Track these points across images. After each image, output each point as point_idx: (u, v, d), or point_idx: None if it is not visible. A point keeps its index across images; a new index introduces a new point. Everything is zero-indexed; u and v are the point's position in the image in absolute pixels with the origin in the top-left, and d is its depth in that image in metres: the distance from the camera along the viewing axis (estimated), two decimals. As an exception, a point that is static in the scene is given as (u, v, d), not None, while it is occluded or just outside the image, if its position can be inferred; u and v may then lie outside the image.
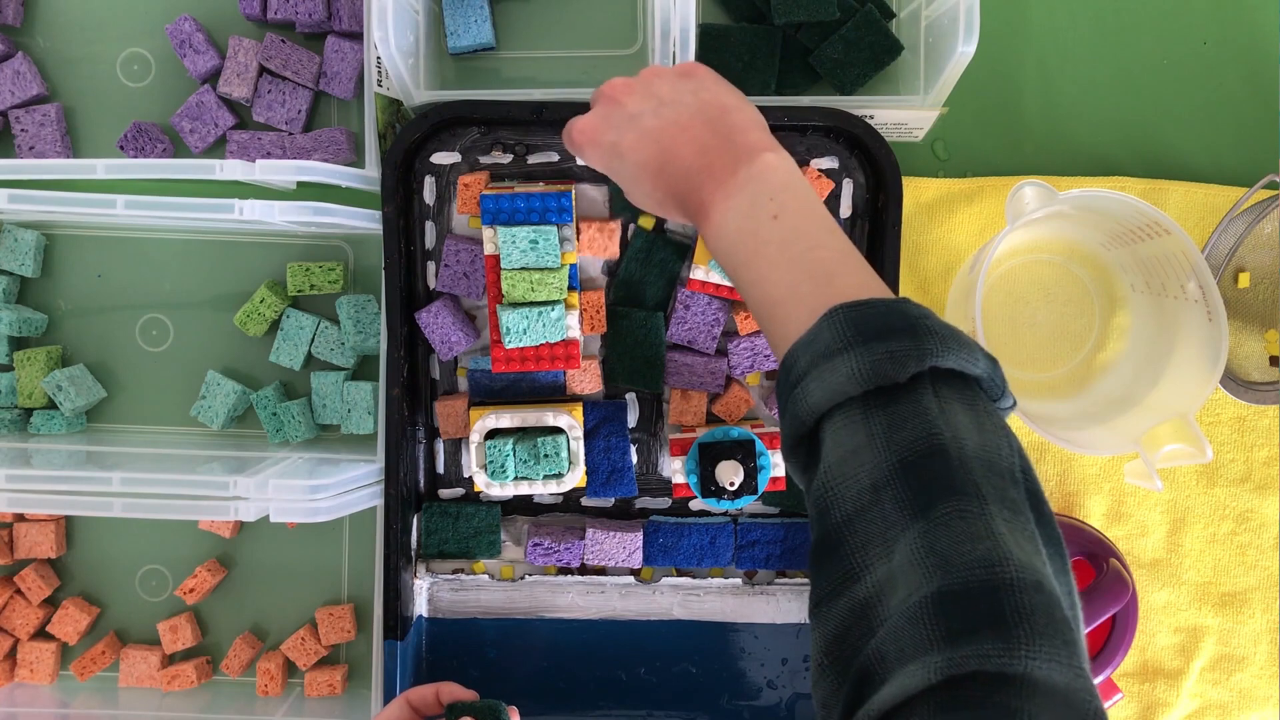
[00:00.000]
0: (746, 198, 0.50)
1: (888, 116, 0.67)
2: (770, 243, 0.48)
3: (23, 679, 0.73)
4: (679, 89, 0.54)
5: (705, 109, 0.53)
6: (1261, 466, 0.74)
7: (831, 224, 0.49)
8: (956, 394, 0.41)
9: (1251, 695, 0.75)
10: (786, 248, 0.48)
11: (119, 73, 0.73)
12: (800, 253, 0.47)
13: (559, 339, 0.64)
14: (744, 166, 0.50)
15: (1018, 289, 0.75)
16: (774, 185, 0.50)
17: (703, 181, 0.51)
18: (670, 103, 0.53)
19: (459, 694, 0.60)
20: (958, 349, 0.42)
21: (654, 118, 0.53)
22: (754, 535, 0.70)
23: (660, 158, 0.53)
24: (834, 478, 0.41)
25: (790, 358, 0.45)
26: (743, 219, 0.49)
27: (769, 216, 0.49)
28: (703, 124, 0.52)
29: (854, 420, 0.41)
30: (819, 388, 0.42)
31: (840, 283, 0.46)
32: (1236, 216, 0.70)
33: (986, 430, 0.40)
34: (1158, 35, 0.74)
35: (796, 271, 0.47)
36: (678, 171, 0.52)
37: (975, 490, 0.38)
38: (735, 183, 0.50)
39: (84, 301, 0.74)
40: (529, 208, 0.63)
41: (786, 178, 0.50)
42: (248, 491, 0.60)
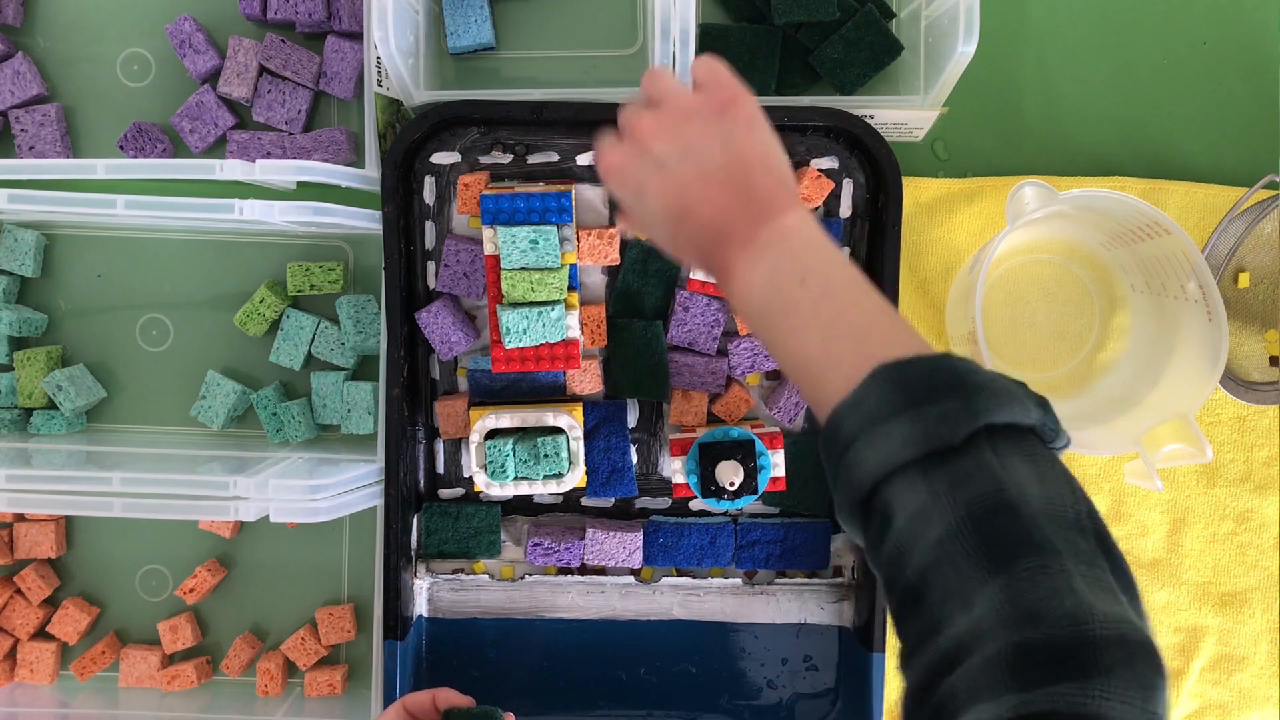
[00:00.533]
0: (770, 261, 0.49)
1: (888, 116, 0.67)
2: (800, 306, 0.48)
3: (23, 679, 0.73)
4: (708, 134, 0.52)
5: (730, 164, 0.52)
6: (1261, 466, 0.74)
7: (859, 281, 0.49)
8: (1014, 446, 0.41)
9: (1251, 695, 0.75)
10: (817, 311, 0.48)
11: (119, 73, 0.73)
12: (833, 315, 0.47)
13: (559, 339, 0.64)
14: (764, 229, 0.50)
15: (1018, 289, 0.75)
16: (797, 248, 0.50)
17: (724, 241, 0.51)
18: (696, 151, 0.52)
19: (455, 699, 0.60)
20: (1009, 402, 0.42)
21: (679, 166, 0.52)
22: (754, 535, 0.70)
23: (681, 211, 0.52)
24: (904, 538, 0.41)
25: (835, 420, 0.44)
26: (768, 282, 0.49)
27: (796, 280, 0.48)
28: (725, 180, 0.52)
29: (914, 482, 0.41)
30: (872, 455, 0.42)
31: (877, 340, 0.46)
32: (1236, 216, 0.70)
33: (1049, 481, 0.41)
34: (1158, 35, 0.74)
35: (830, 334, 0.47)
36: (698, 227, 0.52)
37: (1050, 546, 0.38)
38: (757, 246, 0.50)
39: (84, 301, 0.74)
40: (529, 208, 0.63)
41: (809, 239, 0.50)
42: (248, 491, 0.60)
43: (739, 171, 0.52)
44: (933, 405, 0.41)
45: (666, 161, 0.52)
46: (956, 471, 0.40)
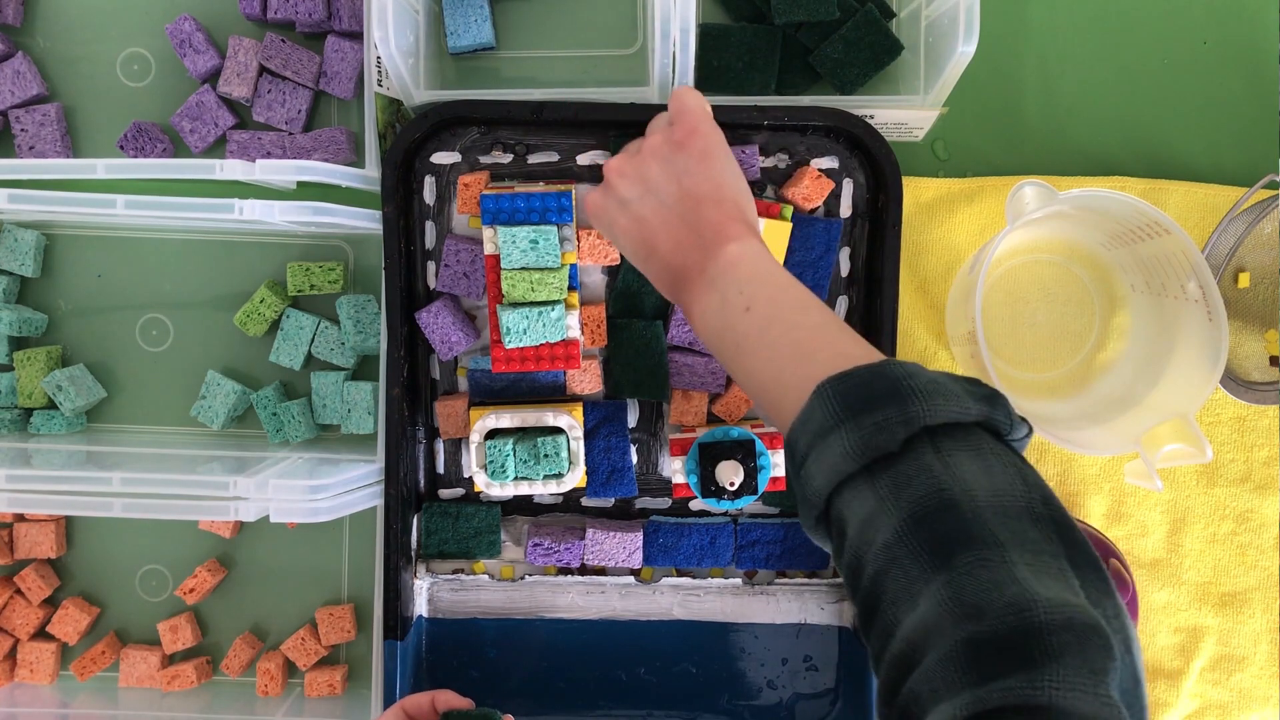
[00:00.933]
0: (718, 294, 0.52)
1: (888, 116, 0.67)
2: (749, 335, 0.50)
3: (23, 679, 0.73)
4: (666, 172, 0.55)
5: (683, 200, 0.55)
6: (1261, 466, 0.74)
7: (804, 300, 0.50)
8: (958, 443, 0.42)
9: (1251, 695, 0.75)
10: (764, 336, 0.50)
11: (119, 73, 0.73)
12: (777, 338, 0.49)
13: (559, 339, 0.64)
14: (711, 263, 0.53)
15: (1018, 289, 0.75)
16: (741, 278, 0.52)
17: (682, 278, 0.54)
18: (654, 190, 0.55)
19: (454, 702, 0.60)
20: (944, 403, 0.42)
21: (639, 206, 0.56)
22: (754, 535, 0.70)
23: (645, 249, 0.56)
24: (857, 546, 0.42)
25: (791, 440, 0.46)
26: (718, 315, 0.52)
27: (741, 310, 0.51)
28: (678, 219, 0.54)
29: (860, 490, 0.42)
30: (819, 470, 0.44)
31: (821, 357, 0.47)
32: (1236, 216, 0.70)
33: (995, 473, 0.41)
34: (1158, 35, 0.74)
35: (778, 357, 0.49)
36: (659, 265, 0.55)
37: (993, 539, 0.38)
38: (706, 280, 0.53)
39: (84, 301, 0.74)
40: (529, 208, 0.63)
41: (752, 268, 0.52)
42: (248, 491, 0.60)
43: (690, 208, 0.54)
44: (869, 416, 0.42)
45: (629, 201, 0.56)
46: (898, 475, 0.41)
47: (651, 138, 0.57)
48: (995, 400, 0.44)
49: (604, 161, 0.60)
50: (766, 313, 0.50)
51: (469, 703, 0.60)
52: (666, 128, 0.57)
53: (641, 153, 0.57)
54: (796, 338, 0.49)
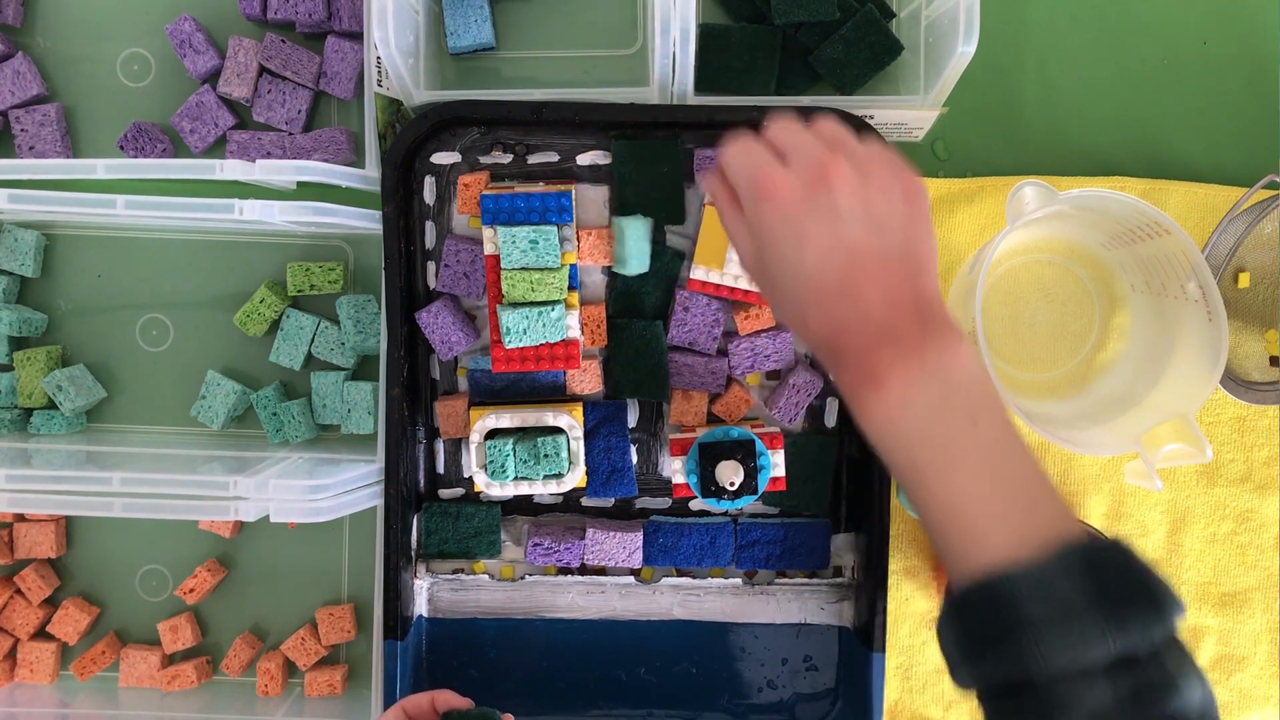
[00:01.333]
0: (939, 388, 0.45)
1: (888, 116, 0.67)
2: (969, 451, 0.44)
3: (23, 679, 0.73)
4: (894, 213, 0.47)
5: (909, 259, 0.47)
6: (1261, 466, 0.74)
7: (1021, 439, 0.46)
8: (1181, 653, 0.42)
9: (1251, 695, 0.75)
10: (987, 460, 0.44)
11: (119, 73, 0.73)
12: (1005, 470, 0.44)
13: (559, 339, 0.64)
14: (936, 349, 0.45)
15: (1018, 289, 0.75)
16: (969, 381, 0.45)
17: (882, 344, 0.45)
18: (880, 227, 0.46)
19: (454, 701, 0.60)
20: (1179, 612, 0.41)
21: (856, 235, 0.46)
22: (754, 535, 0.70)
23: (840, 287, 0.46)
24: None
25: (1005, 590, 0.42)
26: (933, 412, 0.44)
27: (968, 419, 0.44)
28: (902, 276, 0.46)
29: (1098, 684, 0.40)
30: (1062, 651, 0.40)
31: (1046, 508, 0.44)
32: (1236, 216, 0.70)
33: (1204, 684, 0.41)
34: (1158, 35, 0.74)
35: (1001, 490, 0.44)
36: (852, 314, 0.46)
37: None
38: (923, 363, 0.45)
39: (84, 301, 0.74)
40: (529, 208, 0.63)
41: (982, 380, 0.45)
42: (248, 491, 0.60)
43: (916, 269, 0.47)
44: (1130, 612, 0.40)
45: (849, 219, 0.46)
46: (1142, 683, 0.40)
47: (874, 158, 0.48)
48: None
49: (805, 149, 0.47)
50: (995, 436, 0.44)
51: (468, 702, 0.60)
52: (890, 161, 0.48)
53: (865, 170, 0.47)
54: (1025, 479, 0.44)
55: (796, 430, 0.71)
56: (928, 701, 0.74)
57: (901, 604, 0.74)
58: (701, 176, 0.58)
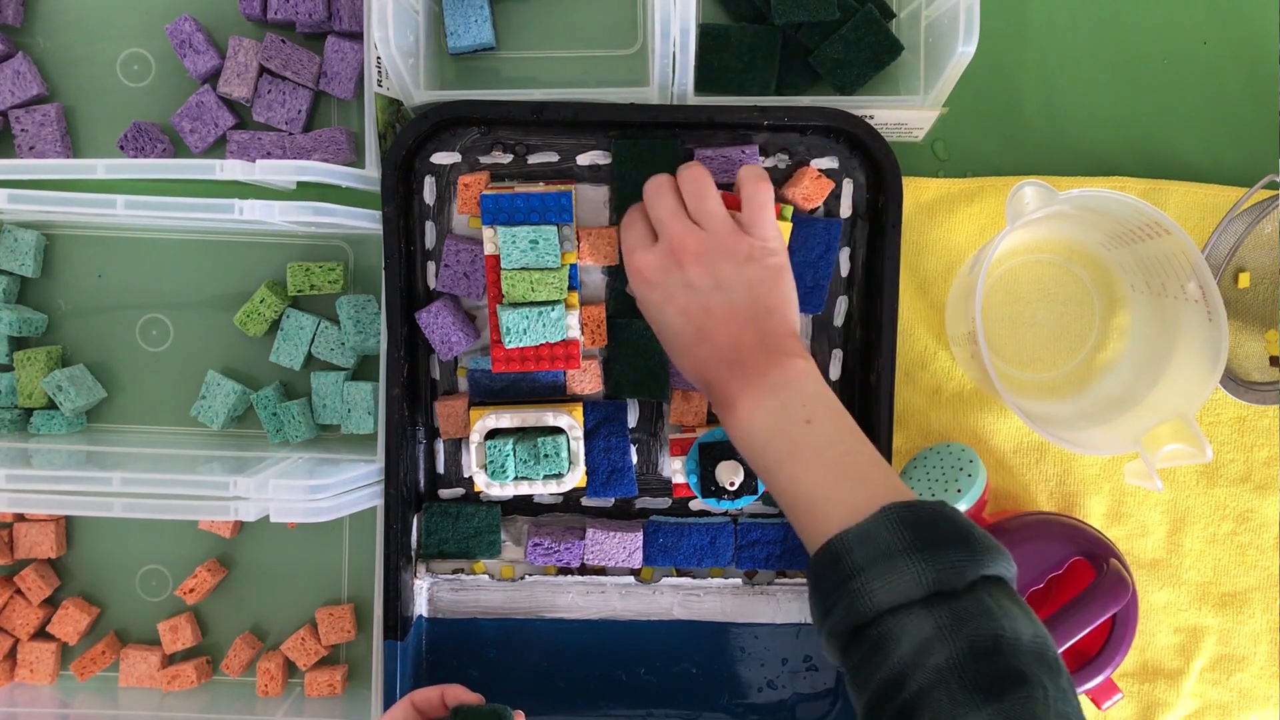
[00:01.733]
0: (778, 400, 0.55)
1: (888, 116, 0.67)
2: (805, 445, 0.54)
3: (23, 679, 0.73)
4: (739, 276, 0.57)
5: (753, 306, 0.57)
6: (1261, 466, 0.74)
7: (857, 430, 0.55)
8: (1003, 593, 0.48)
9: (1251, 695, 0.75)
10: (822, 451, 0.53)
11: (119, 73, 0.73)
12: (836, 456, 0.53)
13: (559, 339, 0.64)
14: (775, 369, 0.55)
15: (1018, 289, 0.75)
16: (806, 392, 0.55)
17: (732, 374, 0.56)
18: (725, 288, 0.57)
19: (464, 697, 0.60)
20: (999, 558, 0.49)
21: (705, 296, 0.57)
22: (754, 535, 0.70)
23: (698, 335, 0.58)
24: (905, 663, 0.46)
25: (839, 547, 0.50)
26: (774, 419, 0.55)
27: (802, 420, 0.54)
28: (746, 320, 0.57)
29: (919, 616, 0.47)
30: (883, 588, 0.47)
31: (876, 484, 0.52)
32: (1236, 216, 0.70)
33: (1031, 623, 0.47)
34: (1158, 35, 0.74)
35: (833, 472, 0.53)
36: (709, 354, 0.57)
37: (1038, 680, 0.45)
38: (766, 383, 0.55)
39: (84, 301, 0.74)
40: (529, 207, 0.64)
41: (816, 385, 0.56)
42: (248, 491, 0.60)
43: (760, 314, 0.57)
44: (943, 553, 0.47)
45: (696, 289, 0.57)
46: (959, 611, 0.46)
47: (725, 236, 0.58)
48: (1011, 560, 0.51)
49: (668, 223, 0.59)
50: (827, 431, 0.54)
51: (479, 698, 0.60)
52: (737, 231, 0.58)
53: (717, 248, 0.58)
54: (852, 462, 0.53)
55: (796, 430, 0.71)
56: (928, 701, 0.74)
57: (901, 604, 0.74)
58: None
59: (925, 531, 0.48)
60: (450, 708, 0.59)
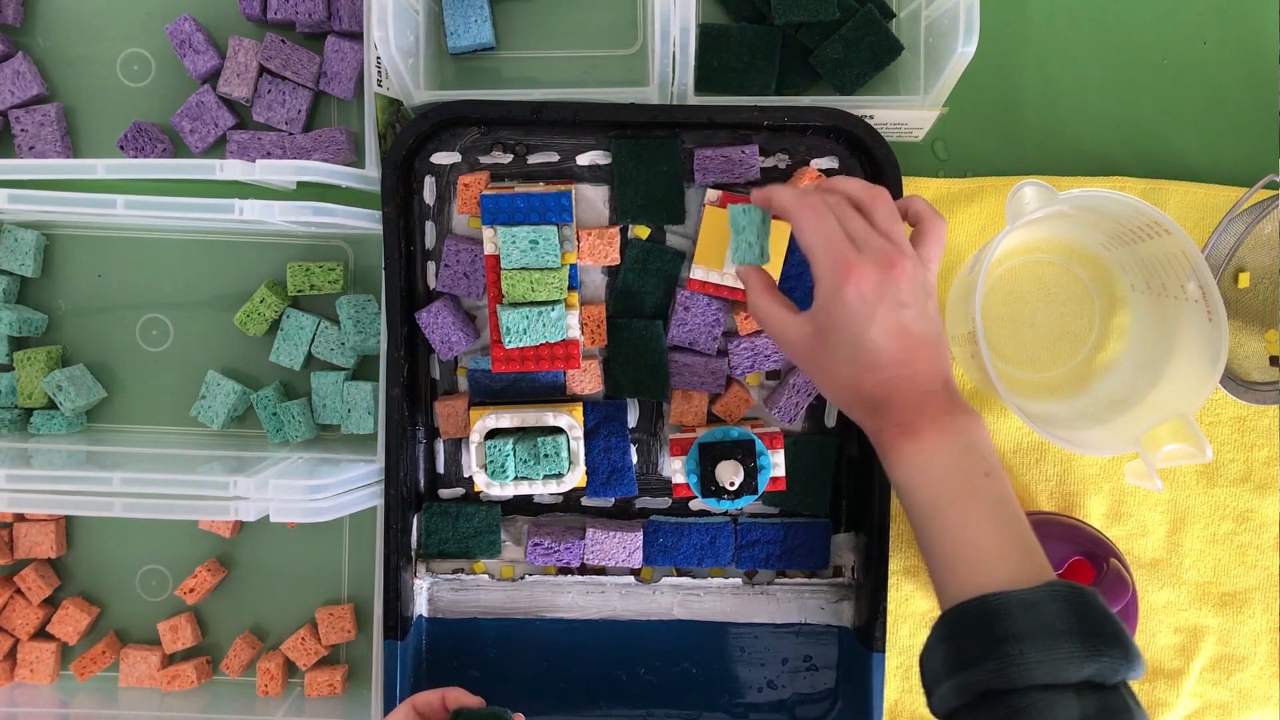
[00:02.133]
0: (963, 444, 0.54)
1: (888, 116, 0.67)
2: (982, 495, 0.53)
3: (23, 679, 0.73)
4: (929, 305, 0.57)
5: (941, 339, 0.57)
6: (1261, 466, 0.74)
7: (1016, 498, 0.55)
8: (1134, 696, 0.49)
9: (1251, 695, 0.75)
10: (996, 507, 0.53)
11: (119, 73, 0.73)
12: (1009, 517, 0.53)
13: (559, 339, 0.64)
14: (961, 417, 0.55)
15: (1018, 289, 0.75)
16: (986, 446, 0.55)
17: (923, 405, 0.55)
18: (925, 312, 0.56)
19: (465, 700, 0.60)
20: (1140, 664, 0.49)
21: (917, 321, 0.55)
22: (754, 535, 0.70)
23: (903, 358, 0.55)
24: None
25: (997, 606, 0.49)
26: (956, 462, 0.54)
27: (982, 472, 0.54)
28: (939, 354, 0.56)
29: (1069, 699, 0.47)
30: (1041, 662, 0.47)
31: (1039, 555, 0.52)
32: (1236, 216, 0.70)
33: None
34: (1158, 35, 0.74)
35: (1004, 531, 0.53)
36: (906, 379, 0.55)
37: None
38: (953, 424, 0.54)
39: (84, 301, 0.74)
40: (529, 208, 0.64)
41: (993, 450, 0.56)
42: (248, 491, 0.60)
43: (945, 353, 0.57)
44: (1106, 646, 0.48)
45: (909, 309, 0.55)
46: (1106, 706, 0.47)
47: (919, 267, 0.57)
48: None
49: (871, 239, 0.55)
50: (1003, 490, 0.54)
51: (479, 701, 0.60)
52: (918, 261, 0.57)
53: (916, 275, 0.56)
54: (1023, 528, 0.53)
55: (796, 430, 0.71)
56: (928, 701, 0.74)
57: (901, 604, 0.74)
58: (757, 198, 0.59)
59: (1090, 622, 0.48)
60: (451, 711, 0.59)
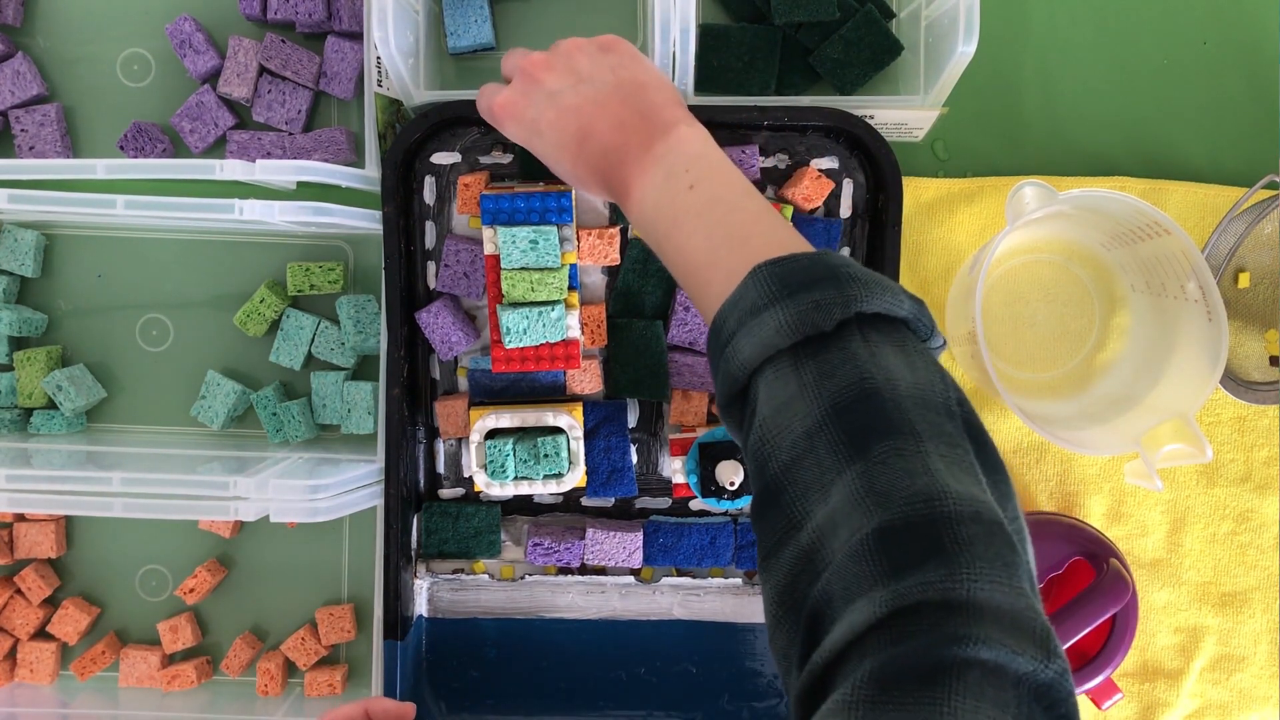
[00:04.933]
0: (662, 171, 0.51)
1: (888, 116, 0.67)
2: (688, 212, 0.49)
3: (23, 679, 0.73)
4: (598, 65, 0.55)
5: (623, 86, 0.54)
6: (1261, 466, 0.74)
7: (747, 187, 0.50)
8: (885, 336, 0.42)
9: (1251, 695, 0.75)
10: (703, 215, 0.49)
11: (119, 73, 0.73)
12: (718, 218, 0.49)
13: (559, 339, 0.64)
14: (659, 141, 0.52)
15: (1018, 289, 0.75)
16: (688, 156, 0.51)
17: (622, 159, 0.53)
18: (589, 80, 0.54)
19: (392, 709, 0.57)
20: (881, 293, 0.42)
21: (573, 95, 0.54)
22: (754, 535, 0.70)
23: (579, 135, 0.54)
24: (769, 430, 0.41)
25: (719, 319, 0.45)
26: (660, 192, 0.51)
27: (685, 187, 0.50)
28: (620, 101, 0.53)
29: (784, 372, 0.42)
30: (748, 343, 0.43)
31: (758, 242, 0.47)
32: (1236, 216, 0.70)
33: (918, 368, 0.41)
34: (1158, 35, 0.74)
35: (715, 237, 0.48)
36: (597, 149, 0.53)
37: (910, 429, 0.38)
38: (651, 157, 0.52)
39: (84, 301, 0.74)
40: (529, 208, 0.64)
41: (701, 147, 0.52)
42: (248, 491, 0.60)
43: (633, 92, 0.54)
44: (807, 294, 0.42)
45: (560, 93, 0.54)
46: (824, 364, 0.41)
47: (568, 40, 0.56)
48: (922, 304, 0.44)
49: (515, 58, 0.57)
50: (710, 193, 0.50)
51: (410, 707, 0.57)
52: (584, 40, 0.56)
53: (565, 50, 0.56)
54: (737, 219, 0.48)
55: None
56: (928, 701, 0.74)
57: (901, 604, 0.74)
58: None
59: (794, 279, 0.42)
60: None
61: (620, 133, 0.53)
